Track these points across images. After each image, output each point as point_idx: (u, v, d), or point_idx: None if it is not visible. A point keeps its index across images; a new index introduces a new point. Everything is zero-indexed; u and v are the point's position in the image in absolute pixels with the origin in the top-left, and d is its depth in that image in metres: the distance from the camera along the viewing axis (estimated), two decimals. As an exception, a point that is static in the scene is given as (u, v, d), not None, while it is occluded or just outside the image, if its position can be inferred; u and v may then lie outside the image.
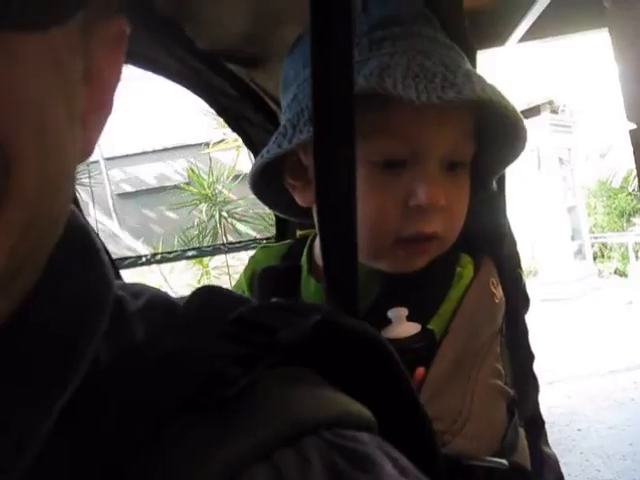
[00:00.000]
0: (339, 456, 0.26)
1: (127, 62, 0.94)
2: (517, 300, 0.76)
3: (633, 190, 8.87)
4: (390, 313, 0.62)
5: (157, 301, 0.35)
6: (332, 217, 0.42)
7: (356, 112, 0.40)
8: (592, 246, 8.74)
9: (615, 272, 8.47)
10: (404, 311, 0.63)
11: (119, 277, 0.70)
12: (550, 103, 8.01)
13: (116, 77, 0.32)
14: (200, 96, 1.05)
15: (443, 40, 0.67)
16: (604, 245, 9.01)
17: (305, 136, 0.62)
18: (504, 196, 0.77)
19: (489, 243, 0.75)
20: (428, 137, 0.64)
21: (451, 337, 0.64)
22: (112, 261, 0.74)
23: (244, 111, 1.02)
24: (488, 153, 0.70)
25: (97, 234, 0.37)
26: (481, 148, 0.69)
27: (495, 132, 0.67)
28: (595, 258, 8.82)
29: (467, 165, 0.68)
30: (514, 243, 0.78)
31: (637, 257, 8.35)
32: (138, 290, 0.36)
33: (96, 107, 0.30)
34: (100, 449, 0.26)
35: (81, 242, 0.33)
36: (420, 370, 0.61)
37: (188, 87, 1.02)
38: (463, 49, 0.68)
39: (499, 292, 0.70)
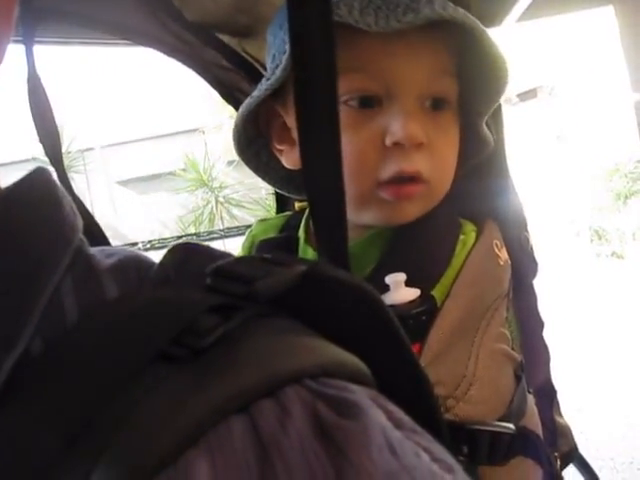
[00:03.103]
0: (323, 404, 0.25)
1: (121, 36, 0.92)
2: (524, 263, 0.75)
3: (629, 172, 8.88)
4: (388, 279, 0.61)
5: (131, 259, 0.34)
6: (316, 167, 0.40)
7: None
8: (589, 228, 8.76)
9: (612, 255, 8.48)
10: (402, 276, 0.61)
11: None
12: (546, 85, 7.99)
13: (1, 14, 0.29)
14: (194, 70, 1.03)
15: None
16: (601, 227, 9.02)
17: (273, 80, 0.62)
18: (505, 156, 0.75)
19: (492, 205, 0.73)
20: (399, 70, 0.62)
21: (453, 300, 0.62)
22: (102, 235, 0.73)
23: (239, 83, 1.01)
24: (473, 93, 0.68)
25: (78, 200, 0.35)
26: (466, 89, 0.67)
27: (476, 67, 0.65)
28: (592, 240, 8.84)
29: (452, 105, 0.67)
30: (519, 206, 0.76)
31: (634, 239, 8.36)
32: (112, 251, 0.35)
33: None
34: (65, 402, 0.25)
35: (36, 201, 0.32)
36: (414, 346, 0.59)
37: (182, 61, 1.01)
38: None
39: (503, 254, 0.69)
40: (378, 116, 0.62)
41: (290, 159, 0.71)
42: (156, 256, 0.36)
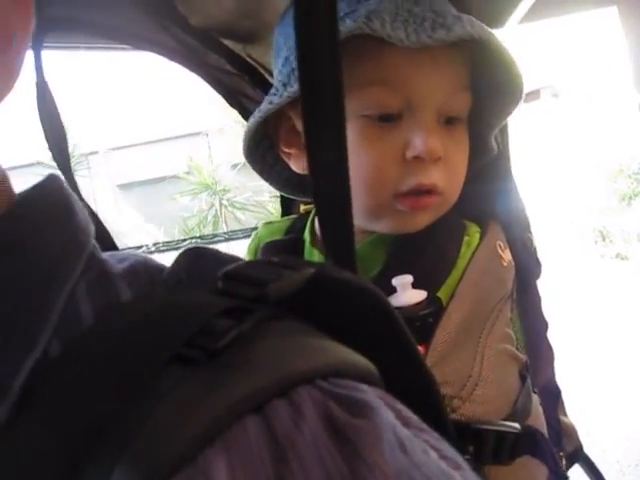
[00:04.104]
0: (335, 404, 0.25)
1: (125, 42, 0.93)
2: (528, 264, 0.75)
3: (633, 173, 8.85)
4: (395, 281, 0.61)
5: (141, 263, 0.35)
6: (324, 173, 0.40)
7: (346, 63, 0.38)
8: (593, 229, 8.74)
9: (617, 256, 8.45)
10: (409, 278, 0.61)
11: None
12: (550, 86, 7.99)
13: (22, 25, 0.31)
14: (198, 74, 1.03)
15: None
16: (605, 229, 8.99)
17: (295, 88, 0.61)
18: (509, 158, 0.76)
19: (496, 207, 0.73)
20: (422, 85, 0.62)
21: (457, 301, 0.63)
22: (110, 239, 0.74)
23: (243, 87, 1.01)
24: (485, 106, 0.69)
25: (87, 205, 0.36)
26: (478, 102, 0.67)
27: (491, 82, 0.66)
28: (596, 242, 8.81)
29: (464, 121, 0.67)
30: (522, 207, 0.76)
31: (639, 240, 8.33)
32: (122, 255, 0.36)
33: None
34: (83, 405, 0.25)
35: (50, 207, 0.33)
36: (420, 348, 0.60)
37: (185, 65, 1.01)
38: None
39: (507, 255, 0.69)
40: (398, 129, 0.63)
41: (299, 163, 0.71)
42: (160, 259, 0.37)
